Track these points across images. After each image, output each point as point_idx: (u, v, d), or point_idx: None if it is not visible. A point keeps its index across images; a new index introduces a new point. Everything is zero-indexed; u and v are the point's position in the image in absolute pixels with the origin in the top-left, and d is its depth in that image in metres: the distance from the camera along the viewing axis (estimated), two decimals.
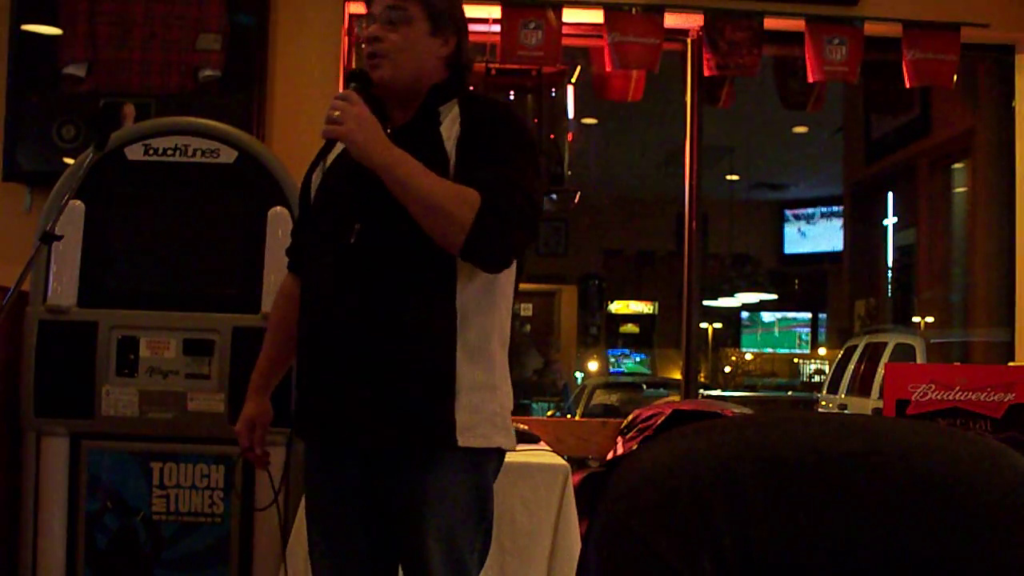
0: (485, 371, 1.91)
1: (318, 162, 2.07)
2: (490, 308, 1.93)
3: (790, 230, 13.28)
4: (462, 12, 2.03)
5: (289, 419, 2.05)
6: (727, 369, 14.23)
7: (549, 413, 9.35)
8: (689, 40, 3.96)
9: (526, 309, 10.63)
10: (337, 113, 1.83)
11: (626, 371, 13.16)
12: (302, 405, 1.96)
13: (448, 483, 1.86)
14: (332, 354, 1.88)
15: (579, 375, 11.93)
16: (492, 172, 1.84)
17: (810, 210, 13.06)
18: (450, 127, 1.94)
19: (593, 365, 12.73)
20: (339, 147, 2.00)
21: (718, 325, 13.82)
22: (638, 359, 13.46)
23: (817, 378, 13.14)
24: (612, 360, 13.22)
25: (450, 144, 1.91)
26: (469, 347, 1.89)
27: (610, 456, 3.48)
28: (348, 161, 1.91)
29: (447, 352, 1.86)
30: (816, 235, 12.97)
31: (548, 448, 3.03)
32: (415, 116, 1.96)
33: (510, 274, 1.97)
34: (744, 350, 14.10)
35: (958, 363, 6.28)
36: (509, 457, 2.02)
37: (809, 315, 13.90)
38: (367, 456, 1.90)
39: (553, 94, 4.02)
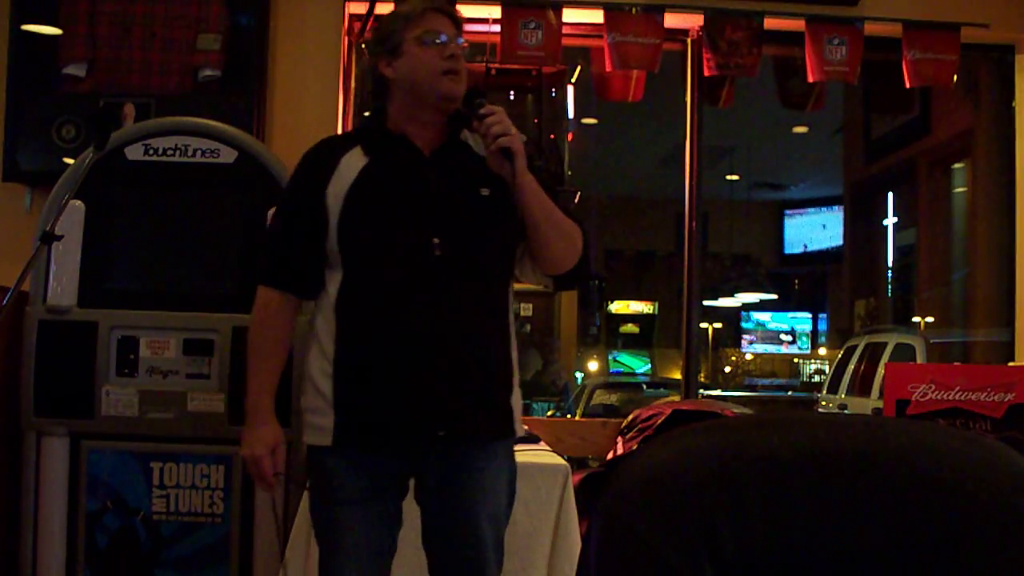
0: (518, 372, 2.18)
1: (325, 180, 2.06)
2: (511, 317, 2.19)
3: (790, 230, 13.28)
4: None
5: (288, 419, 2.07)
6: (727, 369, 14.22)
7: (549, 413, 9.33)
8: (689, 40, 3.96)
9: (526, 309, 10.59)
10: (515, 131, 1.99)
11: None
12: (369, 408, 2.02)
13: (499, 469, 2.09)
14: (420, 358, 1.99)
15: (579, 375, 11.93)
16: (568, 213, 2.13)
17: (810, 210, 13.06)
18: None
19: (593, 365, 12.72)
20: (351, 166, 2.06)
21: (718, 325, 13.82)
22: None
23: (817, 378, 13.14)
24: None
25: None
26: (514, 350, 2.17)
27: (610, 456, 3.48)
28: (392, 178, 2.05)
29: (509, 353, 2.13)
30: (816, 235, 12.97)
31: (548, 448, 3.03)
32: (449, 139, 2.13)
33: None
34: (744, 351, 14.11)
35: (958, 363, 6.28)
36: None
37: (809, 315, 13.90)
38: (422, 450, 2.02)
39: (553, 94, 4.02)
